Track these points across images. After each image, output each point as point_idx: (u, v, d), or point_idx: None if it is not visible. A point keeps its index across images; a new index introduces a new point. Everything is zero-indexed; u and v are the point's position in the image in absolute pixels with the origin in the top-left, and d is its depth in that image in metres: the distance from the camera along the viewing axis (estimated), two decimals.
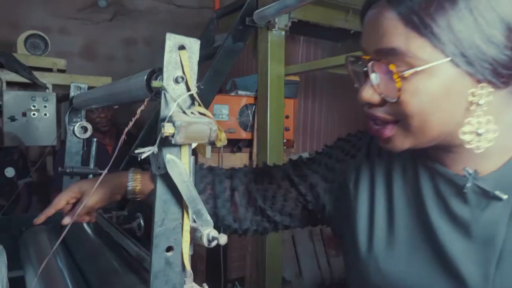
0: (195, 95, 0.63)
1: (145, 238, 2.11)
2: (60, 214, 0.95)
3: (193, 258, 0.70)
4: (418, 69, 0.48)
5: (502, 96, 0.52)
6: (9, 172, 2.45)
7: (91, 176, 1.47)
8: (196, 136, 0.59)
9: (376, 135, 0.57)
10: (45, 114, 2.52)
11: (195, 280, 0.69)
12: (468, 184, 0.54)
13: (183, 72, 0.63)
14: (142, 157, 0.60)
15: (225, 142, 0.65)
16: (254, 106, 2.11)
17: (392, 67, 0.50)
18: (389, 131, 0.55)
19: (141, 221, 1.54)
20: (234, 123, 2.04)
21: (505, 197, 0.53)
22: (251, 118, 2.11)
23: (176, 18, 5.08)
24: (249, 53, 2.35)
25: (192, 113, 0.61)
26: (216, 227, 0.84)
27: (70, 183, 1.36)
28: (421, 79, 0.49)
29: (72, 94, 1.38)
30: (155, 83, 0.63)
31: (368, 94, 0.54)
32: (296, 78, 2.41)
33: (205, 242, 0.63)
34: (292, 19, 1.97)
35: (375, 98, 0.53)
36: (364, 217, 0.67)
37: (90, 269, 1.06)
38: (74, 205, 0.89)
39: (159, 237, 0.63)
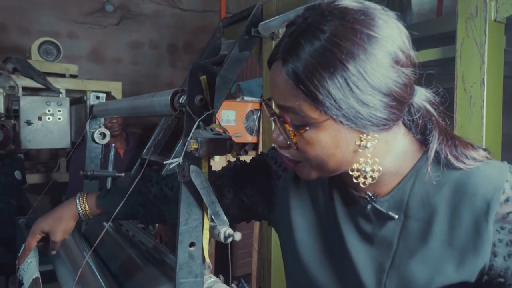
0: (214, 114, 0.75)
1: (159, 237, 2.22)
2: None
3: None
4: (308, 128, 0.59)
5: (388, 135, 0.62)
6: (18, 174, 2.58)
7: (109, 179, 1.60)
8: (216, 150, 0.70)
9: (289, 168, 0.68)
10: (59, 118, 2.65)
11: None
12: (369, 206, 0.66)
13: (204, 94, 0.74)
14: (170, 167, 0.71)
15: (240, 155, 0.76)
16: (259, 111, 2.22)
17: (287, 127, 0.60)
18: (297, 166, 0.65)
19: None
20: (240, 127, 2.15)
21: (396, 216, 0.65)
22: (256, 123, 2.22)
23: (181, 21, 5.19)
24: (253, 57, 2.46)
25: (211, 129, 0.72)
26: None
27: (84, 186, 1.49)
28: (313, 133, 0.59)
29: (91, 102, 1.49)
30: (179, 104, 0.74)
31: (277, 138, 0.64)
32: None
33: (222, 238, 0.74)
34: None
35: (282, 142, 0.63)
36: (296, 225, 0.78)
37: (114, 263, 1.17)
38: (43, 239, 1.01)
39: (184, 234, 0.74)
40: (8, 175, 2.55)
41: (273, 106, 0.66)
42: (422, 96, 0.66)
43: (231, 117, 2.12)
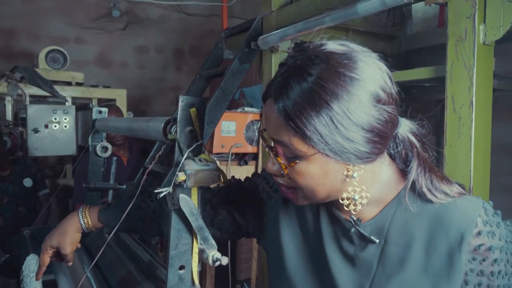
0: (203, 145, 0.79)
1: (159, 245, 2.26)
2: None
3: (202, 263, 0.85)
4: (298, 161, 0.64)
5: (374, 165, 0.67)
6: (27, 182, 2.64)
7: (111, 191, 1.65)
8: (203, 180, 0.74)
9: (284, 195, 0.73)
10: (65, 126, 2.71)
11: (205, 282, 0.84)
12: (352, 229, 0.70)
13: (193, 126, 0.78)
14: (160, 196, 0.75)
15: (227, 182, 0.79)
16: (259, 122, 2.26)
17: (279, 160, 0.66)
18: (291, 193, 0.71)
19: None
20: (241, 138, 2.19)
21: (377, 241, 0.69)
22: (256, 133, 2.26)
23: (186, 26, 5.24)
24: (256, 63, 2.49)
25: (200, 160, 0.76)
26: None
27: (88, 196, 1.53)
28: (303, 165, 0.64)
29: (94, 117, 1.54)
30: (170, 136, 0.79)
31: (271, 167, 0.69)
32: None
33: (210, 262, 0.78)
34: (295, 41, 2.10)
35: (276, 171, 0.69)
36: (285, 244, 0.82)
37: (113, 277, 1.22)
38: (56, 253, 1.05)
39: (174, 258, 0.78)
40: (15, 183, 2.61)
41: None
42: (406, 128, 0.70)
43: (232, 128, 2.16)
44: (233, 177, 1.05)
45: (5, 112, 2.78)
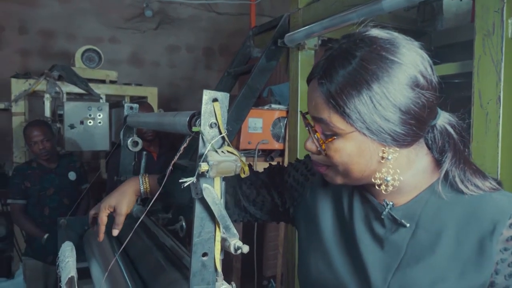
0: (225, 137, 0.82)
1: (187, 238, 2.32)
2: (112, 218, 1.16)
3: (229, 258, 0.89)
4: (335, 137, 0.67)
5: (409, 151, 0.70)
6: (72, 175, 2.77)
7: None
8: (225, 171, 0.77)
9: (319, 172, 0.77)
10: (100, 122, 2.83)
11: (231, 277, 0.87)
12: (384, 212, 0.73)
13: (216, 119, 0.81)
14: (185, 186, 0.79)
15: (248, 174, 0.82)
16: (285, 119, 2.28)
17: (318, 135, 0.70)
18: (324, 170, 0.74)
19: (183, 223, 1.76)
20: (267, 134, 2.22)
21: (408, 225, 0.71)
22: (283, 130, 2.28)
23: (216, 25, 5.32)
24: (284, 62, 2.51)
25: (222, 151, 0.80)
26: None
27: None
28: (340, 142, 0.68)
29: (125, 113, 1.61)
30: (194, 128, 0.82)
31: (309, 145, 0.73)
32: None
33: (232, 250, 0.82)
34: (321, 38, 2.11)
35: (314, 148, 0.73)
36: (321, 219, 0.86)
37: (141, 265, 1.28)
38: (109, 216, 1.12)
39: (197, 245, 0.82)
40: (61, 175, 2.74)
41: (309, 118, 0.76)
42: (445, 120, 0.73)
43: (258, 124, 2.19)
44: (278, 163, 1.12)
45: (44, 109, 2.92)
